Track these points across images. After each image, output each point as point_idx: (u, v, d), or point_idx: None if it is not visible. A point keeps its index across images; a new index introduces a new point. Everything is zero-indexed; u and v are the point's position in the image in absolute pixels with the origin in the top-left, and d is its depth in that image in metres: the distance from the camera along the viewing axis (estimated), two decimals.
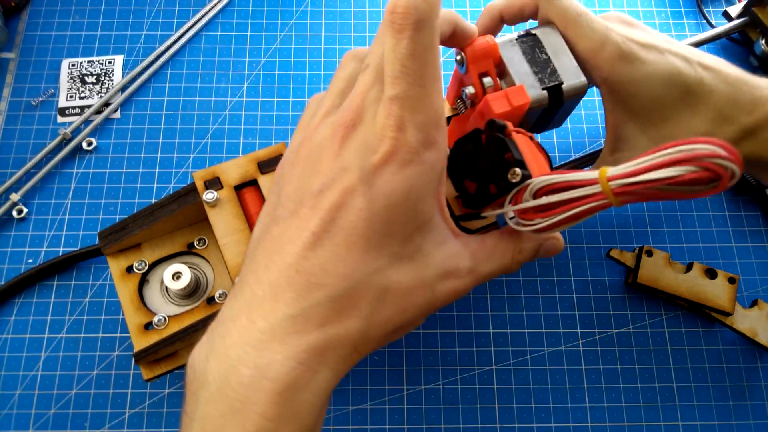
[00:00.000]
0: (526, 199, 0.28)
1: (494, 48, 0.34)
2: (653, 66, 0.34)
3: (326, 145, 0.26)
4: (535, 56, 0.35)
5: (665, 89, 0.34)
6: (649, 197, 0.25)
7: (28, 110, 0.50)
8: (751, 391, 0.44)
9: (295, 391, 0.23)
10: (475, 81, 0.34)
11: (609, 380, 0.44)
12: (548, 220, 0.27)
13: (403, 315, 0.26)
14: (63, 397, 0.42)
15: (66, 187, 0.48)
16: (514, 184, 0.28)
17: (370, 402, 0.43)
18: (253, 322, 0.24)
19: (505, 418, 0.43)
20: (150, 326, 0.36)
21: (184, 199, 0.37)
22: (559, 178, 0.27)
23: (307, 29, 0.54)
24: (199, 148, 0.49)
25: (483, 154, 0.30)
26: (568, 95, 0.35)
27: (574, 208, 0.26)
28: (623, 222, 0.48)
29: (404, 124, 0.24)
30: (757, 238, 0.47)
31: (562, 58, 0.35)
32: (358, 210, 0.24)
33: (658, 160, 0.23)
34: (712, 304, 0.42)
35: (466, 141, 0.31)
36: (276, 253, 0.25)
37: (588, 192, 0.26)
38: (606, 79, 0.35)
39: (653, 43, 0.35)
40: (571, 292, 0.46)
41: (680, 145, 0.23)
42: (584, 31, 0.34)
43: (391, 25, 0.24)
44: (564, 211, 0.26)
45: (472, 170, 0.31)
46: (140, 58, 0.52)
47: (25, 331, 0.44)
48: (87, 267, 0.46)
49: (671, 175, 0.23)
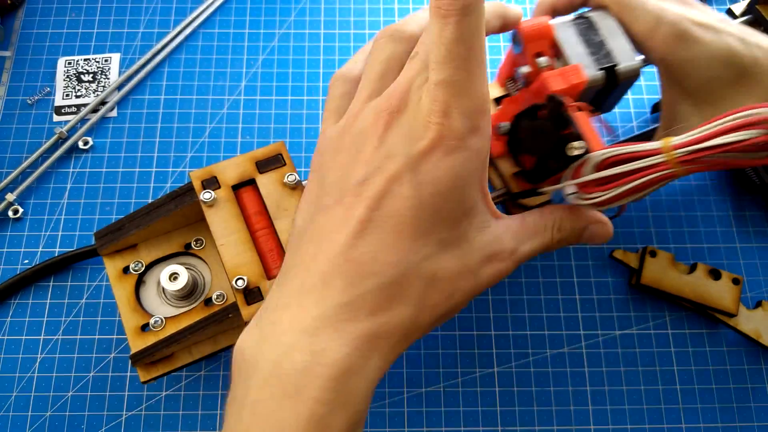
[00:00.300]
0: (587, 173, 0.27)
1: (549, 29, 0.34)
2: (709, 46, 0.34)
3: (369, 132, 0.25)
4: (590, 38, 0.35)
5: (721, 69, 0.34)
6: (714, 165, 0.25)
7: (23, 109, 0.50)
8: (756, 393, 0.43)
9: (349, 376, 0.23)
10: (531, 60, 0.34)
11: (612, 382, 0.43)
12: (610, 192, 0.27)
13: (449, 301, 0.26)
14: (59, 400, 0.42)
15: (62, 187, 0.47)
16: (573, 158, 0.28)
17: (370, 405, 0.42)
18: (305, 309, 0.24)
19: (507, 421, 0.42)
20: (147, 328, 0.36)
21: (181, 199, 0.36)
22: (621, 149, 0.27)
23: (306, 27, 0.53)
24: (196, 147, 0.49)
25: (541, 129, 0.30)
26: (623, 77, 0.35)
27: (638, 179, 0.26)
28: (626, 222, 0.47)
29: (450, 109, 0.24)
30: (762, 239, 0.47)
31: (616, 40, 0.35)
32: (404, 198, 0.24)
33: (725, 126, 0.23)
34: (716, 306, 0.42)
35: (524, 116, 0.31)
36: (323, 242, 0.25)
37: (652, 162, 0.26)
38: (662, 59, 0.35)
39: (709, 23, 0.34)
40: (574, 294, 0.45)
41: (745, 110, 0.23)
42: (638, 12, 0.34)
43: (437, 11, 0.23)
44: (627, 182, 0.26)
45: (531, 145, 0.31)
46: (137, 56, 0.51)
47: (21, 332, 0.43)
48: (83, 268, 0.45)
49: (738, 140, 0.23)
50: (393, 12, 0.54)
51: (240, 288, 0.33)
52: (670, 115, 0.37)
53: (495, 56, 0.52)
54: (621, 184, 0.26)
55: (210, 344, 0.37)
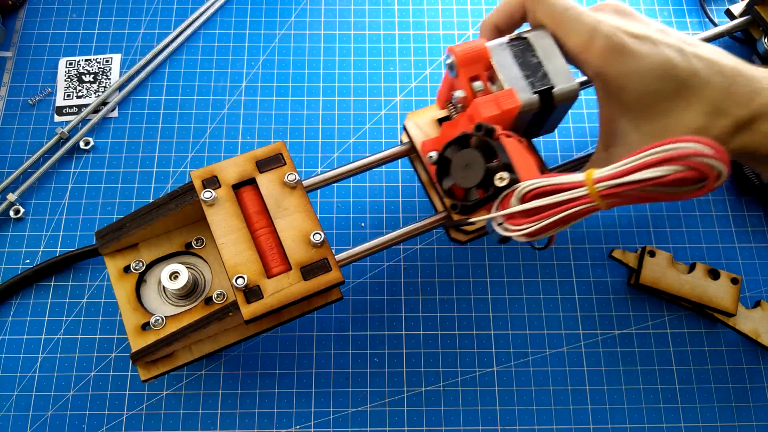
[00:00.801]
0: (513, 204, 0.27)
1: (485, 52, 0.33)
2: (646, 59, 0.33)
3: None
4: (526, 60, 0.34)
5: (658, 82, 0.33)
6: (636, 199, 0.25)
7: (25, 109, 0.50)
8: (754, 393, 0.43)
9: None
10: (465, 85, 0.33)
11: (611, 382, 0.43)
12: (536, 224, 0.27)
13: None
14: (60, 399, 0.42)
15: (63, 187, 0.47)
16: (502, 189, 0.28)
17: (369, 404, 0.43)
18: None
19: (507, 420, 0.42)
20: (147, 327, 0.36)
21: (181, 199, 0.36)
22: (545, 181, 0.26)
23: (306, 28, 0.53)
24: (197, 148, 0.49)
25: (471, 158, 0.29)
26: (560, 99, 0.34)
27: (562, 212, 0.26)
28: (626, 222, 0.47)
29: None
30: (761, 239, 0.47)
31: (554, 62, 0.34)
32: None
33: (644, 161, 0.23)
34: (715, 305, 0.42)
35: (453, 145, 0.31)
36: None
37: (575, 195, 0.25)
38: (598, 73, 0.34)
39: (646, 34, 0.34)
40: (573, 293, 0.45)
41: (666, 144, 0.22)
42: (573, 25, 0.34)
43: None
44: (551, 215, 0.26)
45: (460, 175, 0.30)
46: (138, 57, 0.52)
47: (23, 332, 0.44)
48: (84, 267, 0.45)
49: (657, 176, 0.23)
50: (393, 13, 0.54)
51: (240, 286, 0.33)
52: (608, 130, 0.36)
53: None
54: (546, 216, 0.26)
55: (210, 343, 0.37)
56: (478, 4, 0.55)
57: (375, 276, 0.46)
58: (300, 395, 0.43)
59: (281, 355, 0.44)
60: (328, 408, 0.42)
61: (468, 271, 0.46)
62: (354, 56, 0.52)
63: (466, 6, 0.54)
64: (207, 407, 0.42)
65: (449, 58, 0.33)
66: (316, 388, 0.43)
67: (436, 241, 0.47)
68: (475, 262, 0.46)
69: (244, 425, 0.42)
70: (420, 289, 0.45)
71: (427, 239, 0.47)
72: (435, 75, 0.52)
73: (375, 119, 0.50)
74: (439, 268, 0.46)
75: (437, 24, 0.54)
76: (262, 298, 0.33)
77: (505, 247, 0.47)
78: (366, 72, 0.52)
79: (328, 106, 0.51)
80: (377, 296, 0.45)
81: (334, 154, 0.49)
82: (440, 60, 0.52)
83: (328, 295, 0.37)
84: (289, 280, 0.34)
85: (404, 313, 0.45)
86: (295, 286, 0.34)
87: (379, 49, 0.53)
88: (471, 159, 0.29)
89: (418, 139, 0.39)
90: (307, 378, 0.43)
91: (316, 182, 0.38)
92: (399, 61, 0.52)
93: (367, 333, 0.44)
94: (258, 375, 0.43)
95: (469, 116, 0.32)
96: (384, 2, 0.54)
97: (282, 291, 0.33)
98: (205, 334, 0.36)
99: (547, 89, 0.33)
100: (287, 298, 0.33)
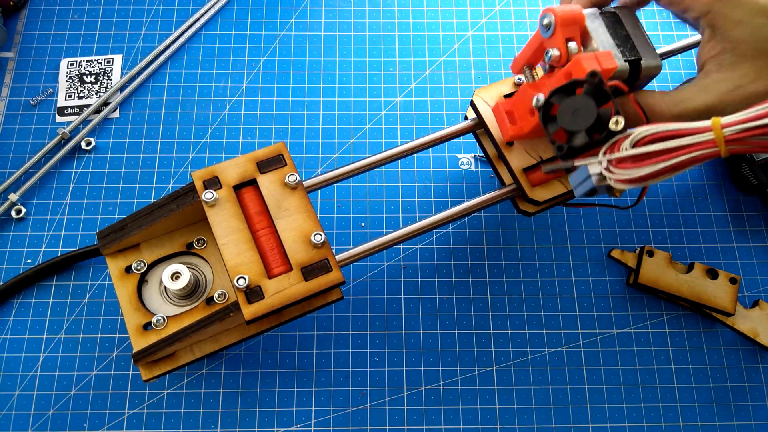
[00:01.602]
0: (625, 149, 0.27)
1: (581, 16, 0.35)
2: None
3: None
4: (617, 31, 0.35)
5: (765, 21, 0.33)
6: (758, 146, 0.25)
7: (26, 110, 0.50)
8: (752, 392, 0.43)
9: None
10: (561, 44, 0.34)
11: (610, 381, 0.43)
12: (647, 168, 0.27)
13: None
14: (62, 398, 0.42)
15: (65, 187, 0.48)
16: (615, 133, 0.28)
17: (370, 403, 0.43)
18: None
19: (506, 419, 0.42)
20: (149, 326, 0.36)
21: (183, 199, 0.36)
22: (666, 126, 0.27)
23: (307, 28, 0.54)
24: (198, 148, 0.49)
25: (581, 103, 0.30)
26: (645, 72, 0.35)
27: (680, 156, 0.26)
28: (624, 222, 0.47)
29: None
30: (759, 239, 0.47)
31: (640, 38, 0.36)
32: None
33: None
34: (714, 305, 0.42)
35: (560, 91, 0.32)
36: None
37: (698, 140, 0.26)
38: (705, 12, 0.34)
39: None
40: (572, 293, 0.46)
41: None
42: None
43: None
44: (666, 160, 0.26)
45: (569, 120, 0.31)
46: (139, 58, 0.52)
47: (24, 331, 0.44)
48: (86, 267, 0.45)
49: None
50: (393, 14, 0.54)
51: (241, 287, 0.33)
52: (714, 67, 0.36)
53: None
54: (659, 161, 0.26)
55: (211, 343, 0.37)
56: (477, 4, 0.55)
57: (375, 276, 0.46)
58: (300, 394, 0.43)
59: (282, 354, 0.44)
60: (329, 407, 0.43)
61: (467, 270, 0.46)
62: (354, 57, 0.52)
63: (465, 7, 0.55)
64: (208, 406, 0.42)
65: (546, 18, 0.35)
66: (317, 387, 0.43)
67: (436, 241, 0.47)
68: (475, 261, 0.46)
69: (245, 424, 0.42)
70: (420, 289, 0.46)
71: (427, 239, 0.47)
72: (435, 75, 0.52)
73: (375, 120, 0.50)
74: (439, 268, 0.46)
75: (437, 25, 0.54)
76: (263, 298, 0.33)
77: (505, 247, 0.47)
78: (366, 73, 0.52)
79: (329, 107, 0.51)
80: (377, 296, 0.45)
81: (334, 154, 0.49)
82: (440, 60, 0.52)
83: (328, 295, 0.37)
84: (290, 280, 0.34)
85: (404, 312, 0.45)
86: (296, 287, 0.34)
87: (379, 50, 0.53)
88: (581, 104, 0.30)
89: (488, 112, 0.41)
90: (308, 377, 0.43)
91: (317, 182, 0.38)
92: (399, 61, 0.52)
93: (367, 332, 0.44)
94: (259, 374, 0.43)
95: (567, 72, 0.34)
96: (384, 3, 0.55)
97: (283, 291, 0.34)
98: (206, 334, 0.36)
99: (637, 60, 0.35)
100: (288, 299, 0.33)
